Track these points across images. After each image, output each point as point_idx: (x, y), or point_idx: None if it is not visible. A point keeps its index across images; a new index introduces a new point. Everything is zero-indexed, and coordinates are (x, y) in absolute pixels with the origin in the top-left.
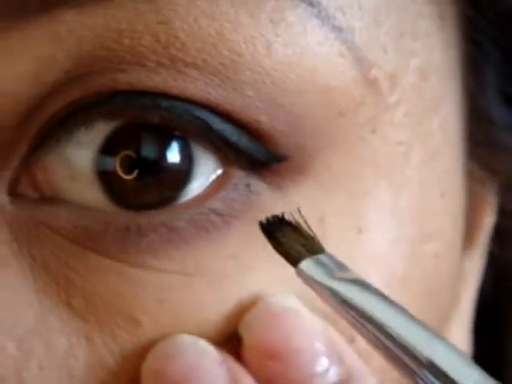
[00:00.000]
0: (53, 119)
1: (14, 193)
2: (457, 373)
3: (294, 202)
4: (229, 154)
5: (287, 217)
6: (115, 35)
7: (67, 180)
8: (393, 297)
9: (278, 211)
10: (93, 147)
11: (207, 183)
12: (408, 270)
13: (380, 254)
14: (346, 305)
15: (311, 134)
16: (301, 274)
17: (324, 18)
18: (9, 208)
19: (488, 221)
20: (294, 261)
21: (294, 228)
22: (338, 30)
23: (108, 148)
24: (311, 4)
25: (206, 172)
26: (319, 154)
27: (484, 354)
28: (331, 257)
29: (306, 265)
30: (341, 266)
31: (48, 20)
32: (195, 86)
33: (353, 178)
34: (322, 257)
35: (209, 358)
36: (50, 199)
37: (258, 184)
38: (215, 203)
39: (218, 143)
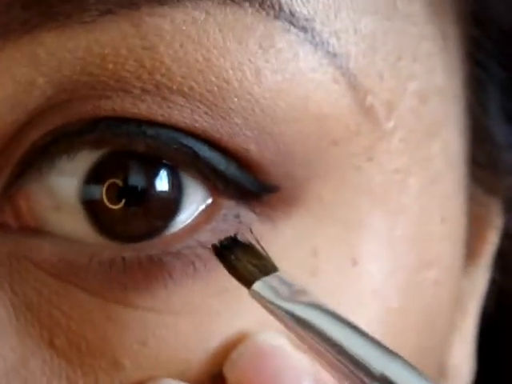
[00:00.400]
0: (34, 147)
1: None
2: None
3: (284, 233)
4: (217, 182)
5: (240, 238)
6: (98, 60)
7: (51, 210)
8: (390, 328)
9: (268, 244)
10: (78, 175)
11: (196, 213)
12: (405, 301)
13: (376, 287)
14: (300, 325)
15: (303, 163)
16: (254, 295)
17: (317, 43)
18: None
19: (491, 243)
20: (247, 282)
21: (248, 248)
22: (332, 55)
23: (94, 176)
24: (304, 29)
25: (195, 201)
26: (311, 183)
27: (488, 374)
28: (284, 276)
29: (260, 286)
30: (294, 286)
31: (28, 41)
32: (181, 114)
33: (347, 207)
34: (275, 277)
35: None
36: (33, 230)
37: (247, 215)
38: (204, 235)
39: (205, 172)
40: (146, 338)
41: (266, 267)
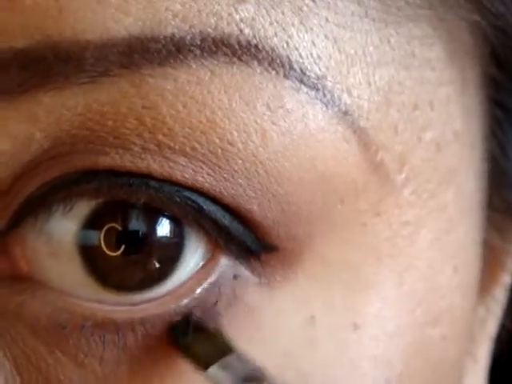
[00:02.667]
0: (31, 196)
1: None
2: None
3: (281, 299)
4: (219, 238)
5: (194, 317)
6: (97, 116)
7: (47, 256)
8: None
9: (263, 310)
10: (75, 220)
11: (196, 269)
12: (410, 363)
13: (378, 352)
14: None
15: (306, 222)
16: (210, 379)
17: (329, 101)
18: None
19: (503, 285)
20: (202, 366)
21: (202, 329)
22: (343, 113)
23: (92, 221)
24: (315, 87)
25: (196, 255)
26: (314, 242)
27: None
28: (241, 357)
29: (215, 370)
30: (252, 368)
31: (25, 101)
32: (182, 174)
33: (351, 268)
34: (231, 359)
35: None
36: (27, 278)
37: (245, 276)
38: (200, 297)
39: (208, 226)
40: None
41: (223, 349)
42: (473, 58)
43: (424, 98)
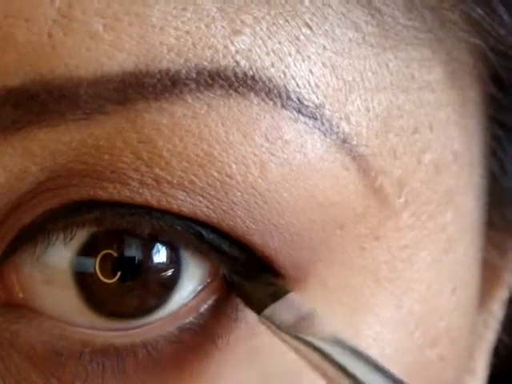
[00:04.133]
0: (30, 226)
1: None
2: None
3: None
4: (221, 264)
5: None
6: (93, 150)
7: (41, 283)
8: None
9: (264, 334)
10: (71, 247)
11: (194, 294)
12: None
13: None
14: (322, 358)
15: (307, 249)
16: (265, 322)
17: (327, 129)
18: None
19: (500, 301)
20: (257, 309)
21: (257, 275)
22: (341, 141)
23: (87, 247)
24: (313, 117)
25: (194, 280)
26: (315, 268)
27: None
28: (295, 299)
29: (270, 312)
30: (304, 310)
31: (20, 137)
32: (180, 208)
33: (350, 291)
34: (285, 300)
35: None
36: (22, 306)
37: None
38: (198, 320)
39: (208, 253)
40: None
41: (277, 292)
42: (472, 78)
43: (423, 120)
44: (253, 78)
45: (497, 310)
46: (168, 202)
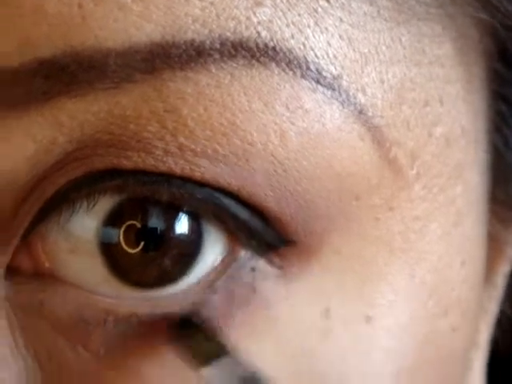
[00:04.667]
0: (55, 196)
1: (11, 267)
2: None
3: (297, 292)
4: (239, 233)
5: (194, 319)
6: (119, 121)
7: (67, 252)
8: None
9: (279, 303)
10: (96, 217)
11: (215, 263)
12: (421, 354)
13: (390, 344)
14: None
15: (323, 218)
16: (205, 378)
17: (344, 100)
18: (6, 291)
19: (503, 274)
20: (198, 364)
21: (201, 329)
22: (358, 111)
23: (112, 218)
24: (331, 87)
25: (214, 251)
26: (330, 237)
27: None
28: (237, 359)
29: (209, 370)
30: (247, 370)
31: (50, 107)
32: (203, 175)
33: (364, 260)
34: (227, 360)
35: None
36: (48, 275)
37: (263, 269)
38: (218, 291)
39: (228, 222)
40: None
41: (219, 349)
42: (479, 54)
43: (434, 94)
44: (274, 48)
45: (500, 283)
46: (191, 169)
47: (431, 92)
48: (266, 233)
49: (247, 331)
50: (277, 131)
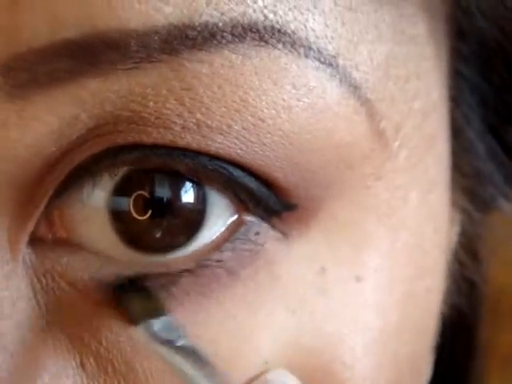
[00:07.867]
0: (77, 169)
1: (34, 236)
2: None
3: (296, 253)
4: (247, 201)
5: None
6: (139, 98)
7: (81, 221)
8: (387, 347)
9: (281, 262)
10: (107, 187)
11: (222, 229)
12: (402, 312)
13: (377, 302)
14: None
15: (321, 186)
16: (137, 335)
17: (342, 77)
18: (29, 258)
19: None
20: (134, 322)
21: (142, 292)
22: (353, 88)
23: (122, 188)
24: (331, 65)
25: (221, 217)
26: (327, 203)
27: (449, 373)
28: (172, 322)
29: (142, 328)
30: (178, 333)
31: (73, 86)
32: (217, 150)
33: (356, 226)
34: (160, 320)
35: None
36: (66, 243)
37: (267, 232)
38: (224, 254)
39: (237, 190)
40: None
41: (156, 310)
42: (444, 33)
43: (413, 70)
44: (279, 30)
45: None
46: (207, 144)
47: (411, 69)
48: (271, 200)
49: (252, 287)
50: (285, 107)
